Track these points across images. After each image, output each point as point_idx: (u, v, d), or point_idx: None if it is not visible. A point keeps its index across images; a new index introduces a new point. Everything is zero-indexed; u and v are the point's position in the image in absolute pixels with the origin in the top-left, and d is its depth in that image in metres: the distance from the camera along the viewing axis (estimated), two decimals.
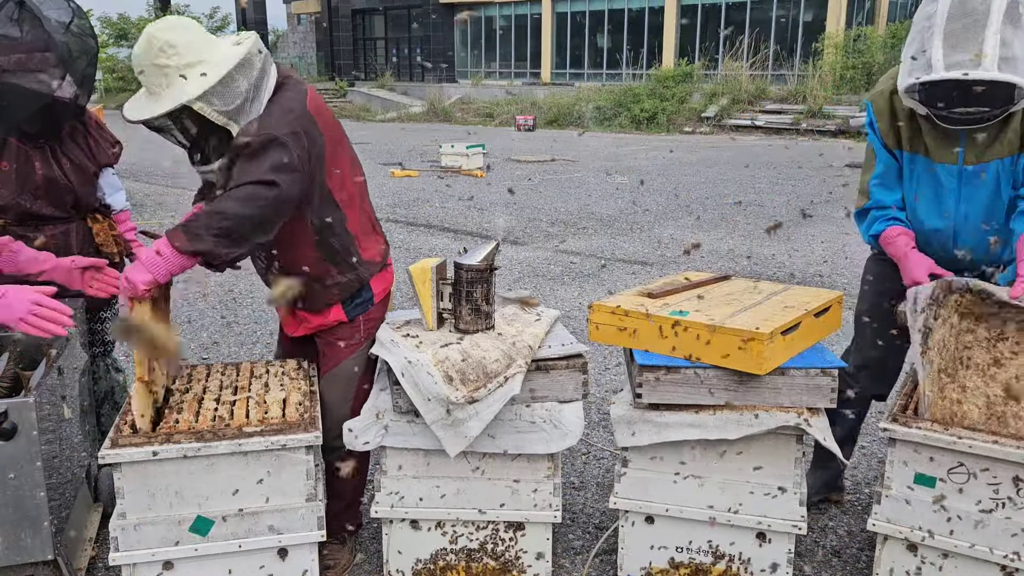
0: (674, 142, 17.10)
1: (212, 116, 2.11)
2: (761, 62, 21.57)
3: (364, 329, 2.50)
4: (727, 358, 2.23)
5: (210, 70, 2.10)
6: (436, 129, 20.03)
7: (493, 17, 28.86)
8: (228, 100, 2.11)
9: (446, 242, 7.71)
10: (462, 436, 2.22)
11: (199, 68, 2.10)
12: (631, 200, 9.82)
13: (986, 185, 2.43)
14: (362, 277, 2.45)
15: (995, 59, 2.15)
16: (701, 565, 2.42)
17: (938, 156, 2.45)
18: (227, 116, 2.12)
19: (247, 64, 2.15)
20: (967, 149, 2.40)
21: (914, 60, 2.28)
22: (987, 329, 2.41)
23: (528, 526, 2.42)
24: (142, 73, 2.14)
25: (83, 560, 2.53)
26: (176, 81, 2.09)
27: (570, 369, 2.37)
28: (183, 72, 2.09)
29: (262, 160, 2.09)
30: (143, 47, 2.10)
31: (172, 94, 2.09)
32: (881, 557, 2.27)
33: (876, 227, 2.59)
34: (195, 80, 2.09)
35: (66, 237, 2.64)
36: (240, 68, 2.13)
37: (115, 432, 2.13)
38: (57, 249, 2.63)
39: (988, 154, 2.40)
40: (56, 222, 2.65)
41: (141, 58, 2.12)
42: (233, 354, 4.74)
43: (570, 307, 5.51)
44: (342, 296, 2.44)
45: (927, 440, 2.12)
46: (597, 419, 3.68)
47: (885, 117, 2.51)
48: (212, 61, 2.12)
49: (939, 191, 2.49)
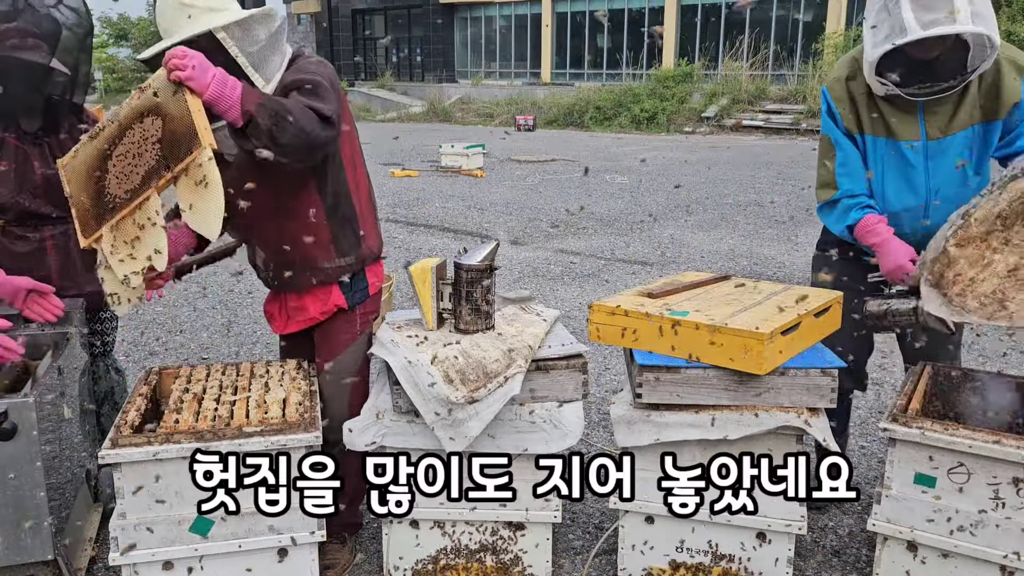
0: (674, 142, 17.11)
1: (233, 52, 2.13)
2: (761, 62, 21.56)
3: (361, 322, 2.54)
4: (727, 358, 2.23)
5: (231, 13, 2.15)
6: (436, 129, 20.03)
7: (493, 17, 28.86)
8: (248, 43, 2.16)
9: (446, 242, 7.71)
10: (462, 436, 2.22)
11: (222, 12, 2.15)
12: (631, 200, 9.82)
13: (952, 157, 2.47)
14: (362, 259, 2.49)
15: (968, 14, 2.21)
16: (701, 565, 2.42)
17: (901, 135, 2.49)
18: (248, 58, 2.15)
19: (268, 16, 2.21)
20: (928, 125, 2.46)
21: (874, 29, 2.33)
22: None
23: (528, 526, 2.42)
24: (166, 14, 2.15)
25: (83, 560, 2.53)
26: (201, 17, 2.12)
27: (570, 369, 2.37)
28: (206, 12, 2.13)
29: (320, 96, 2.12)
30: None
31: (196, 24, 2.11)
32: (881, 557, 2.27)
33: (852, 216, 2.56)
34: (218, 16, 2.13)
35: (65, 237, 2.64)
36: (262, 16, 2.19)
37: (115, 432, 2.13)
38: (57, 249, 2.63)
39: (951, 126, 2.45)
40: (56, 222, 2.64)
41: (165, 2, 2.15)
42: (233, 354, 4.74)
43: (570, 307, 5.51)
44: (341, 276, 2.46)
45: (927, 440, 2.12)
46: (597, 419, 3.68)
47: (844, 103, 2.54)
48: (233, 9, 2.18)
49: (906, 170, 2.52)
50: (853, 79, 2.52)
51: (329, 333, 2.52)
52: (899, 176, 2.53)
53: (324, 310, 2.49)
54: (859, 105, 2.52)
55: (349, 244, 2.45)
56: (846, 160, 2.58)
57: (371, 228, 2.53)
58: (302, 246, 2.38)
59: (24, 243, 2.64)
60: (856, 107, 2.53)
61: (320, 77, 2.17)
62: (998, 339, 4.79)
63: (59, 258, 2.65)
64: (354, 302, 2.50)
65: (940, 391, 2.60)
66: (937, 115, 2.45)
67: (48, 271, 2.63)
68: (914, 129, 2.47)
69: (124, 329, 5.08)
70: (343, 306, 2.48)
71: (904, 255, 2.42)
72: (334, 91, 2.18)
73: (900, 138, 2.49)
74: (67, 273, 2.68)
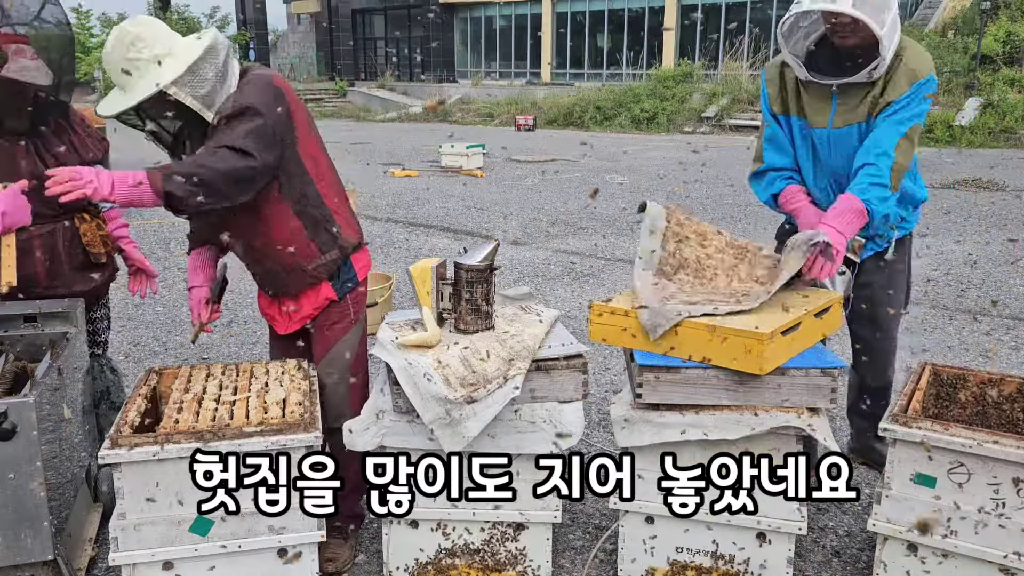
0: (674, 142, 17.11)
1: (187, 101, 2.20)
2: (761, 62, 21.57)
3: (354, 309, 2.58)
4: (727, 358, 2.23)
5: (179, 57, 2.21)
6: (436, 129, 20.03)
7: (493, 17, 28.86)
8: (198, 86, 2.21)
9: (446, 242, 7.71)
10: (460, 436, 2.22)
11: (169, 58, 2.21)
12: (631, 200, 9.82)
13: (847, 147, 2.66)
14: (344, 250, 2.52)
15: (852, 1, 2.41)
16: (701, 565, 2.42)
17: (814, 120, 2.69)
18: (200, 101, 2.22)
19: (213, 51, 2.25)
20: (837, 113, 2.65)
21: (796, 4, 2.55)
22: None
23: (528, 526, 2.42)
24: (113, 69, 2.23)
25: (83, 560, 2.53)
26: (148, 71, 2.19)
27: (570, 369, 2.37)
28: (152, 64, 2.20)
29: (236, 128, 2.19)
30: (113, 43, 2.21)
31: (146, 83, 2.18)
32: (881, 557, 2.27)
33: (776, 186, 2.82)
34: (167, 67, 2.19)
35: (52, 236, 2.61)
36: (207, 55, 2.23)
37: (115, 432, 2.13)
38: (44, 248, 2.61)
39: (851, 117, 2.64)
40: (43, 220, 2.58)
41: (112, 54, 2.21)
42: (233, 354, 4.74)
43: (570, 307, 5.51)
44: (328, 272, 2.51)
45: (927, 440, 2.12)
46: (597, 419, 3.68)
47: (775, 84, 2.77)
48: (178, 51, 2.23)
49: (814, 153, 2.75)
50: (786, 65, 2.72)
51: (324, 325, 2.56)
52: (810, 157, 2.77)
53: (317, 306, 2.54)
54: (787, 89, 2.74)
55: (327, 242, 2.49)
56: (773, 136, 2.81)
57: (345, 219, 2.56)
58: (284, 256, 2.46)
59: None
60: (785, 90, 2.75)
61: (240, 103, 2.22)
62: (997, 339, 4.79)
63: (46, 257, 2.61)
64: (343, 292, 2.55)
65: (940, 391, 2.60)
66: (846, 106, 2.64)
67: (35, 270, 2.59)
68: (824, 117, 2.68)
69: (124, 329, 5.08)
70: (333, 298, 2.53)
71: (816, 219, 2.63)
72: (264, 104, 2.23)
73: (812, 123, 2.71)
74: (54, 272, 2.65)
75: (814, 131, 2.70)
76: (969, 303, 5.54)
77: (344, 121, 23.76)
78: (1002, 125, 15.38)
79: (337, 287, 2.53)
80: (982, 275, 6.23)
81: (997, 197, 9.51)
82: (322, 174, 2.48)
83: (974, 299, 5.64)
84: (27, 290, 2.57)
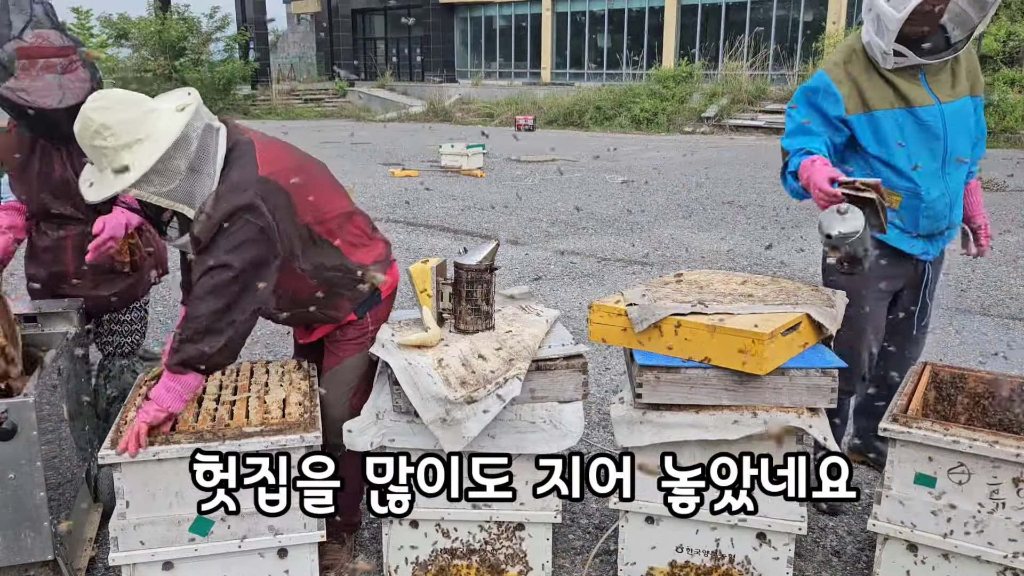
0: (674, 142, 17.11)
1: (153, 199, 2.07)
2: (761, 62, 21.56)
3: (372, 328, 2.53)
4: (727, 358, 2.23)
5: (146, 148, 2.02)
6: (436, 129, 20.03)
7: (493, 17, 28.86)
8: (167, 180, 2.05)
9: (446, 242, 7.71)
10: (460, 436, 2.21)
11: (136, 148, 2.02)
12: (631, 200, 9.82)
13: (964, 122, 2.63)
14: (371, 285, 2.47)
15: None
16: (701, 565, 2.42)
17: (919, 101, 2.59)
18: (170, 197, 2.07)
19: (183, 141, 2.05)
20: (935, 91, 2.60)
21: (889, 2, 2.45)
22: None
23: (528, 526, 2.42)
24: (85, 151, 2.09)
25: (83, 560, 2.53)
26: (116, 160, 2.03)
27: (570, 369, 2.37)
28: (120, 153, 2.02)
29: (214, 245, 2.10)
30: (80, 128, 2.04)
31: (111, 181, 2.04)
32: (881, 557, 2.27)
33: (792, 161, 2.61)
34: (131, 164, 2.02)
35: (82, 238, 2.68)
36: (177, 146, 2.04)
37: (115, 432, 2.13)
38: (74, 248, 2.70)
39: (956, 92, 2.60)
40: (76, 223, 2.72)
41: (80, 138, 2.06)
42: None
43: (570, 307, 5.51)
44: (353, 307, 2.47)
45: (927, 440, 2.12)
46: (597, 419, 3.68)
47: (845, 84, 2.62)
48: (150, 137, 2.03)
49: (924, 134, 2.61)
50: (850, 63, 2.63)
51: (339, 339, 2.52)
52: (917, 141, 2.60)
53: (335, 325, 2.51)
54: (862, 85, 2.60)
55: (354, 293, 2.44)
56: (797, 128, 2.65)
57: (369, 252, 2.47)
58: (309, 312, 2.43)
59: (46, 239, 2.76)
60: (859, 87, 2.60)
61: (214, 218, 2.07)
62: (997, 339, 4.80)
63: (76, 258, 2.72)
64: (364, 311, 2.50)
65: (940, 391, 2.60)
66: (940, 83, 2.59)
67: (65, 268, 2.75)
68: (925, 95, 2.58)
69: None
70: (353, 320, 2.49)
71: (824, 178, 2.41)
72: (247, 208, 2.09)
73: (916, 104, 2.57)
74: (81, 272, 2.75)
75: (921, 111, 2.57)
76: (969, 303, 5.54)
77: (344, 121, 23.76)
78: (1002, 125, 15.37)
79: (359, 309, 2.48)
80: (982, 275, 6.23)
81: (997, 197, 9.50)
82: (331, 224, 2.34)
83: (974, 299, 5.64)
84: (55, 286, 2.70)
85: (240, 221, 2.09)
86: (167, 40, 25.47)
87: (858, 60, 2.61)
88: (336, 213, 2.37)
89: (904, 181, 2.61)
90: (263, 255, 2.14)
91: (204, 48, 26.66)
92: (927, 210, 2.63)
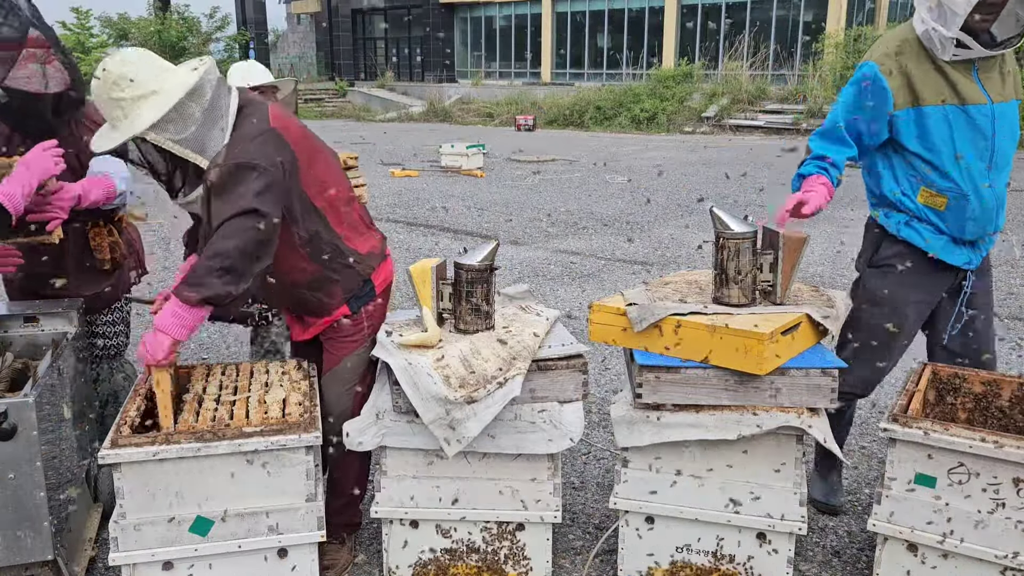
0: (674, 142, 17.10)
1: (168, 145, 2.12)
2: (761, 62, 21.56)
3: (368, 324, 2.52)
4: (727, 358, 2.23)
5: (162, 99, 2.11)
6: (436, 129, 20.03)
7: (493, 17, 28.86)
8: (182, 127, 2.12)
9: (446, 242, 7.71)
10: (460, 436, 2.21)
11: (152, 99, 2.11)
12: (631, 200, 9.82)
13: (1011, 124, 2.54)
14: (363, 274, 2.47)
15: None
16: (701, 565, 2.42)
17: (971, 98, 2.50)
18: (184, 145, 2.13)
19: (198, 91, 2.14)
20: (988, 89, 2.51)
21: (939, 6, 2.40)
22: None
23: (528, 526, 2.42)
24: (100, 106, 2.15)
25: (83, 560, 2.53)
26: (132, 112, 2.11)
27: (570, 369, 2.37)
28: (138, 103, 2.10)
29: (238, 190, 2.10)
30: (98, 81, 2.12)
31: (127, 125, 2.12)
32: (881, 557, 2.27)
33: (807, 168, 2.62)
34: (148, 110, 2.10)
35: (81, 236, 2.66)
36: (192, 95, 2.12)
37: (115, 432, 2.13)
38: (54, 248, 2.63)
39: (1004, 93, 2.53)
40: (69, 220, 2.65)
41: (97, 91, 2.13)
42: (233, 354, 4.74)
43: (570, 307, 5.51)
44: (346, 296, 2.46)
45: (927, 440, 2.12)
46: (597, 419, 3.68)
47: (897, 77, 2.52)
48: (165, 90, 2.12)
49: (973, 133, 2.51)
50: (902, 54, 2.53)
51: (335, 338, 2.51)
52: (966, 140, 2.52)
53: (330, 321, 2.50)
54: (914, 77, 2.51)
55: (347, 276, 2.43)
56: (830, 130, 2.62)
57: (365, 240, 2.49)
58: (300, 293, 2.43)
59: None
60: (910, 79, 2.52)
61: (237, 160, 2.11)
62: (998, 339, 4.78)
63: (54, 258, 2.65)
64: (358, 307, 2.49)
65: (940, 391, 2.60)
66: (991, 81, 2.51)
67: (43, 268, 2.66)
68: (978, 93, 2.50)
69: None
70: (347, 315, 2.49)
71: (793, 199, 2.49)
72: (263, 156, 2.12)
73: (969, 101, 2.50)
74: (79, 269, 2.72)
75: (973, 109, 2.50)
76: None
77: (344, 121, 23.76)
78: None
79: (353, 304, 2.48)
80: None
81: None
82: (331, 199, 2.38)
83: None
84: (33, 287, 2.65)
85: (258, 170, 2.12)
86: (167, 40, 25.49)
87: (911, 50, 2.51)
88: (337, 193, 2.40)
89: (949, 182, 2.53)
90: (281, 203, 2.18)
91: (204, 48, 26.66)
92: (974, 212, 2.53)
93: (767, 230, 2.44)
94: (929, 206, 2.58)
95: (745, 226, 2.40)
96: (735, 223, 2.41)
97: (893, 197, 2.63)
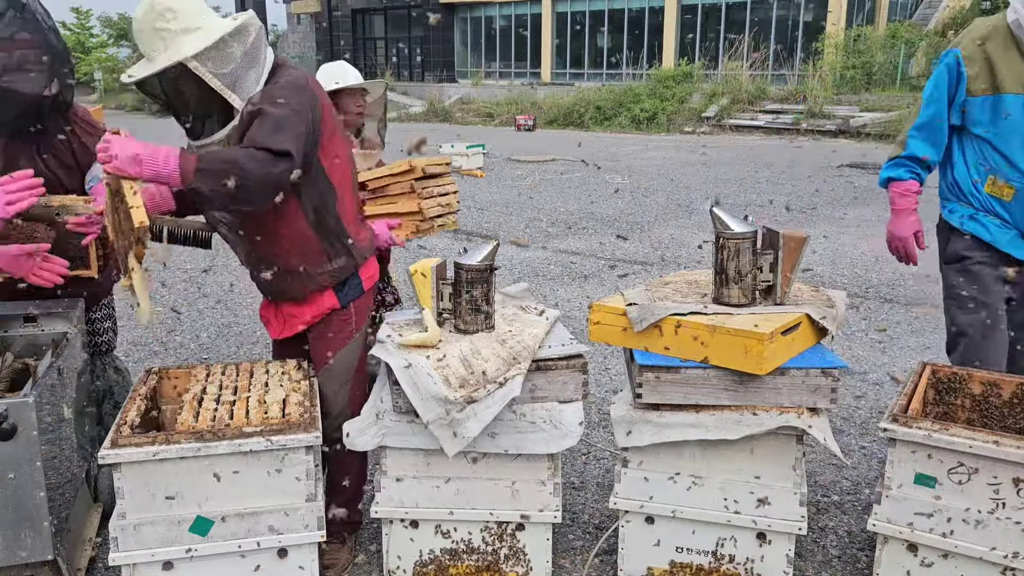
0: (674, 142, 17.10)
1: (207, 77, 2.13)
2: (761, 62, 21.56)
3: (356, 319, 2.52)
4: (727, 358, 2.23)
5: (204, 34, 2.15)
6: (436, 129, 20.02)
7: (493, 17, 28.86)
8: (222, 64, 2.15)
9: (446, 242, 7.71)
10: (460, 436, 2.22)
11: (196, 33, 2.15)
12: (631, 200, 9.82)
13: None
14: (355, 261, 2.48)
15: None
16: (701, 565, 2.42)
17: None
18: (222, 81, 2.15)
19: (242, 31, 2.19)
20: None
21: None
22: None
23: (528, 526, 2.42)
24: (141, 37, 2.17)
25: (83, 560, 2.53)
26: (174, 43, 2.14)
27: (570, 369, 2.37)
28: (180, 36, 2.14)
29: (277, 128, 2.09)
30: (143, 11, 2.15)
31: (169, 55, 2.13)
32: (881, 557, 2.27)
33: (897, 171, 2.64)
34: (190, 42, 2.13)
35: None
36: (235, 35, 2.17)
37: (115, 432, 2.13)
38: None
39: None
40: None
41: (141, 22, 2.16)
42: (233, 354, 4.74)
43: (570, 307, 5.51)
44: (334, 280, 2.45)
45: (927, 440, 2.12)
46: (597, 419, 3.68)
47: (976, 62, 2.52)
48: (208, 27, 2.17)
49: None
50: (989, 40, 2.52)
51: (324, 333, 2.50)
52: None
53: (316, 314, 2.48)
54: (997, 63, 2.50)
55: (339, 251, 2.43)
56: (924, 124, 2.61)
57: (360, 229, 2.52)
58: (289, 258, 2.39)
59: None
60: (992, 65, 2.51)
61: (279, 107, 2.12)
62: None
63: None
64: (347, 300, 2.49)
65: (940, 391, 2.60)
66: None
67: None
68: None
69: (124, 329, 5.06)
70: (336, 307, 2.48)
71: (909, 229, 2.55)
72: (297, 116, 2.14)
73: None
74: None
75: None
76: None
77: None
78: None
79: (341, 296, 2.47)
80: None
81: None
82: (344, 179, 2.42)
83: None
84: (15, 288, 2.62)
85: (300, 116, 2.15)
86: None
87: (999, 38, 2.51)
88: (347, 174, 2.44)
89: (1017, 172, 2.51)
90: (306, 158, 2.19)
91: None
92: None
93: (767, 230, 2.44)
94: (995, 196, 2.57)
95: (745, 226, 2.40)
96: (735, 223, 2.41)
97: (963, 183, 2.64)
